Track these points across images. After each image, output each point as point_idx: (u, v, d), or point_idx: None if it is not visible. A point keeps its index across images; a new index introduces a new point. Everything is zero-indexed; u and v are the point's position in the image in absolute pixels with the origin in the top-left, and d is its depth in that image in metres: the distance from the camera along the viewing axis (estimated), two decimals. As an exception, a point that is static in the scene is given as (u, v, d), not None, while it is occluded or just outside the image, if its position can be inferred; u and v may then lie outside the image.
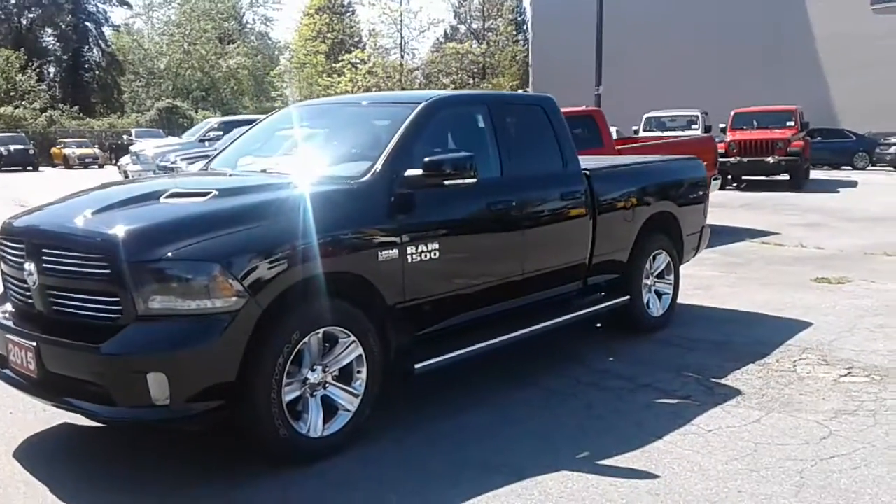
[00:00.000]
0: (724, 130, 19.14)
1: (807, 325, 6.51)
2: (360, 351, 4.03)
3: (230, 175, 4.71)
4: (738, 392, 4.92)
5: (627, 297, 6.00)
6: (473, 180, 4.36)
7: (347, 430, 4.00)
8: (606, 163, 6.43)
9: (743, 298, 7.59)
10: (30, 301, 3.88)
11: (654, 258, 6.37)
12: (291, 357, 3.74)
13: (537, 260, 5.17)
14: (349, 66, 53.90)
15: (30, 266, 3.77)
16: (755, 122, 19.60)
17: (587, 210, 5.52)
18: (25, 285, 3.87)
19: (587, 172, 5.60)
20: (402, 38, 56.76)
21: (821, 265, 9.25)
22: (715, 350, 5.84)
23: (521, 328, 5.03)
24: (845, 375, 5.21)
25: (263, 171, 4.71)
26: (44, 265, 3.73)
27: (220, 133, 22.44)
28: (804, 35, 34.88)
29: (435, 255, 4.38)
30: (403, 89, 58.35)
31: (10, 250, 4.03)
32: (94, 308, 3.60)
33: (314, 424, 3.87)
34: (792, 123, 19.58)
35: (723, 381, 5.15)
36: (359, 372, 4.06)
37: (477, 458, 3.96)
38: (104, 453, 4.15)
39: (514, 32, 63.79)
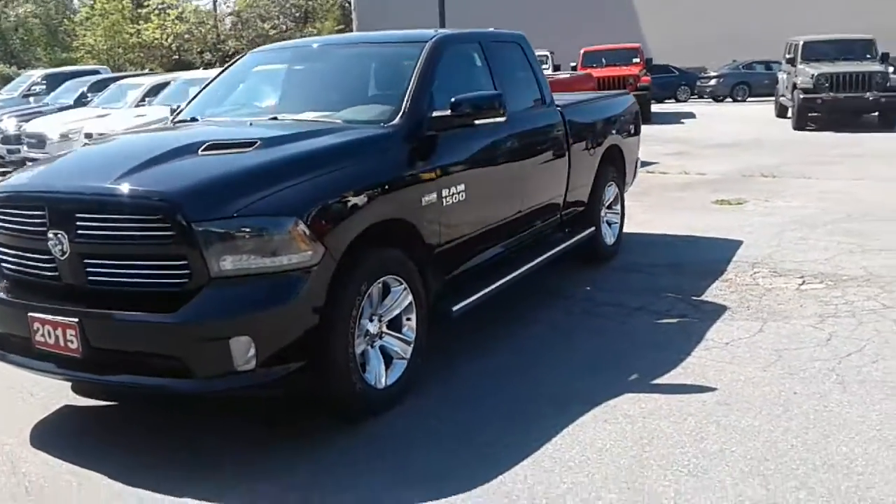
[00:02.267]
0: (574, 69, 19.81)
1: (738, 242, 7.03)
2: (410, 298, 3.95)
3: (251, 124, 4.35)
4: (723, 307, 5.26)
5: (593, 228, 6.21)
6: (503, 119, 4.33)
7: (404, 379, 3.92)
8: (572, 99, 6.54)
9: (663, 223, 8.04)
10: (53, 273, 3.47)
11: (606, 190, 6.61)
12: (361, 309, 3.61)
13: (533, 196, 5.25)
14: (156, 11, 50.61)
15: (57, 235, 3.36)
16: (604, 60, 20.44)
17: (565, 145, 5.62)
18: (47, 257, 3.45)
19: (559, 108, 5.69)
20: (212, -21, 53.93)
21: (711, 189, 9.95)
22: (676, 271, 6.19)
23: (523, 265, 5.10)
24: (802, 284, 5.70)
25: (274, 118, 4.39)
26: (78, 232, 3.33)
27: (45, 86, 20.53)
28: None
29: (462, 196, 4.35)
30: (219, 36, 55.87)
31: (20, 219, 3.55)
32: (151, 275, 3.28)
33: (379, 375, 3.78)
34: (637, 60, 20.62)
35: (703, 298, 5.50)
36: (408, 319, 3.98)
37: (538, 393, 4.03)
38: (125, 428, 3.86)
39: (334, -26, 62.16)
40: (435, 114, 4.21)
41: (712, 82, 29.90)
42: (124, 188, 3.32)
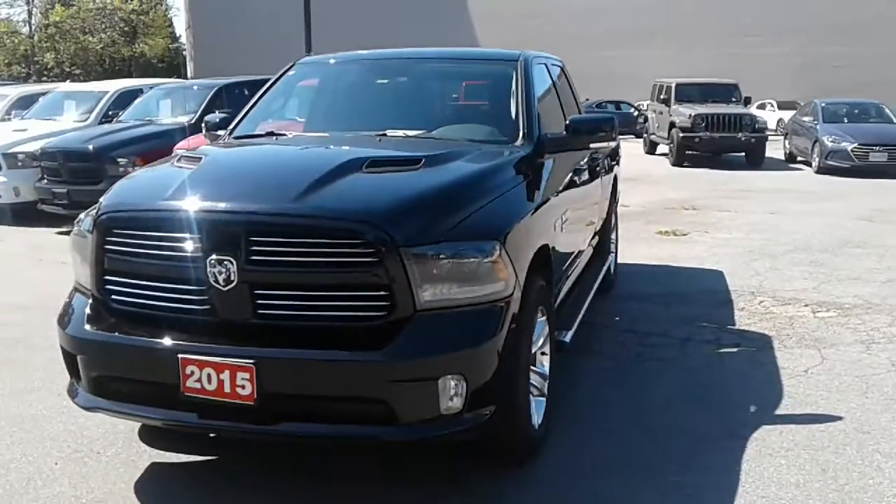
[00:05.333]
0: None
1: (718, 272, 7.26)
2: (547, 330, 3.68)
3: (379, 140, 3.87)
4: (766, 336, 5.35)
5: (612, 253, 6.17)
6: (614, 143, 4.17)
7: (547, 416, 3.63)
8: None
9: (627, 253, 8.11)
10: (203, 307, 2.90)
11: (613, 215, 6.59)
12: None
13: (593, 219, 5.13)
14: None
15: (222, 262, 2.81)
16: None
17: (609, 167, 5.56)
18: (196, 287, 2.88)
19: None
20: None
21: (645, 220, 10.26)
22: (685, 301, 6.25)
23: (590, 289, 4.96)
24: (817, 312, 5.93)
25: (382, 134, 3.94)
26: (251, 258, 2.80)
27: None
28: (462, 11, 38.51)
29: (566, 219, 4.15)
30: (33, 47, 51.86)
31: (155, 242, 2.95)
32: (339, 307, 2.81)
33: (535, 413, 3.47)
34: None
35: (738, 327, 5.58)
36: (542, 353, 3.70)
37: (663, 428, 3.86)
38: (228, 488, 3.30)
39: (165, -11, 59.57)
40: (551, 134, 3.99)
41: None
42: (314, 208, 2.84)
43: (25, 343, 5.22)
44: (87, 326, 3.06)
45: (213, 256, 2.81)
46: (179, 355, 2.83)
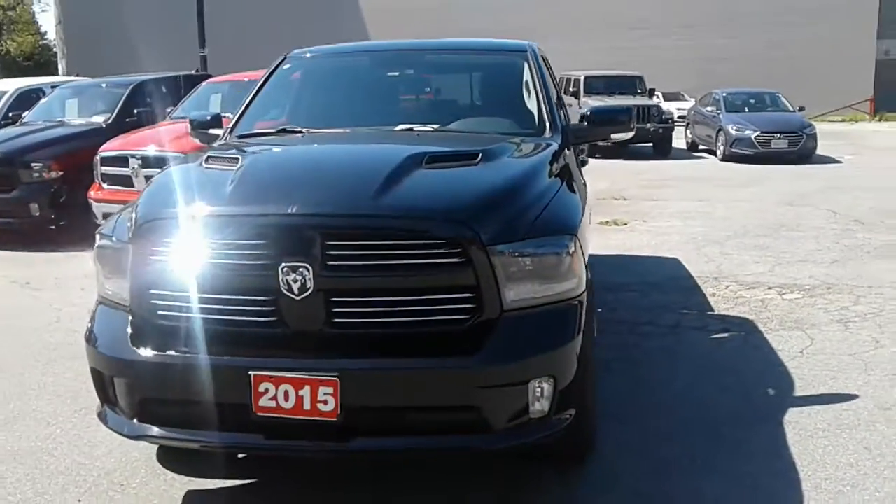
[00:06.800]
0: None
1: (674, 259, 7.42)
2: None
3: (419, 134, 3.66)
4: (747, 320, 5.48)
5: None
6: (632, 133, 4.14)
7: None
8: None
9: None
10: (270, 318, 2.67)
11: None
12: None
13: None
14: None
15: (297, 268, 2.59)
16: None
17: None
18: (266, 298, 2.65)
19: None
20: None
21: (581, 211, 10.37)
22: (658, 289, 6.34)
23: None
24: (783, 294, 6.13)
25: (409, 129, 3.75)
26: (329, 264, 2.60)
27: None
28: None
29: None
30: None
31: (230, 249, 2.69)
32: (423, 311, 2.65)
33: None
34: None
35: (717, 312, 5.71)
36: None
37: (695, 416, 3.88)
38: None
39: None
40: (572, 126, 3.93)
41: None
42: (397, 207, 2.67)
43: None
44: (132, 345, 2.77)
45: (286, 263, 2.59)
46: (251, 372, 2.60)
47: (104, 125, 9.91)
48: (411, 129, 3.76)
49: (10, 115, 11.40)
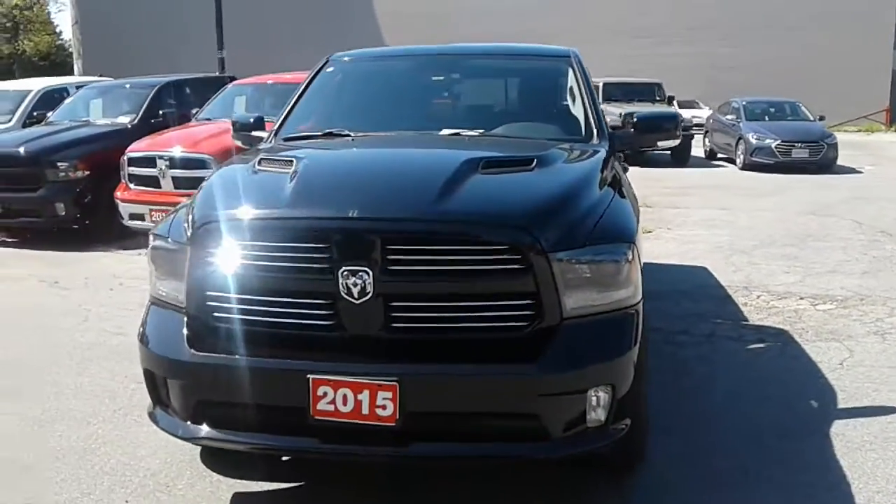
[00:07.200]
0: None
1: (702, 268, 7.37)
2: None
3: (468, 139, 3.65)
4: (782, 331, 5.44)
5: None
6: (677, 141, 4.11)
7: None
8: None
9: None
10: (328, 322, 2.65)
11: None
12: None
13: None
14: None
15: (357, 273, 2.57)
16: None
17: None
18: (324, 301, 2.63)
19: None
20: None
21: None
22: (689, 298, 6.31)
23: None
24: (816, 305, 6.08)
25: (456, 133, 3.73)
26: (389, 268, 2.58)
27: None
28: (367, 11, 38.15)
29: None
30: None
31: (291, 252, 2.68)
32: (482, 317, 2.63)
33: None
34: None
35: (751, 322, 5.66)
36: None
37: (744, 427, 3.85)
38: None
39: (49, -14, 56.57)
40: (619, 132, 3.91)
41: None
42: (460, 213, 2.66)
43: (14, 364, 4.77)
44: (188, 347, 2.75)
45: (346, 267, 2.57)
46: (310, 376, 2.58)
47: (129, 126, 9.94)
48: (458, 134, 3.75)
49: (35, 114, 11.44)
